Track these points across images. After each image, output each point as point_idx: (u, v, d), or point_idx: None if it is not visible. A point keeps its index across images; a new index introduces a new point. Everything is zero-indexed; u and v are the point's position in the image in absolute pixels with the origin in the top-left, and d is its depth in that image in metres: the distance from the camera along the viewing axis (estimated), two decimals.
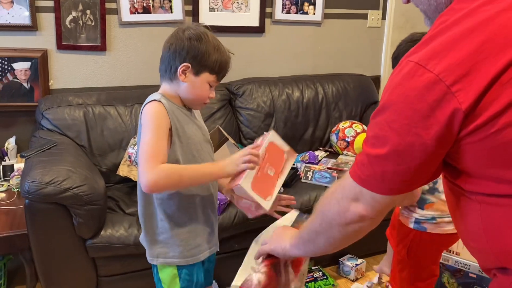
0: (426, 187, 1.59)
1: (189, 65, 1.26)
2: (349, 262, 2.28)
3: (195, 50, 1.26)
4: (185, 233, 1.32)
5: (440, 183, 1.57)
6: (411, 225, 1.60)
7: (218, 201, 1.94)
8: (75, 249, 1.77)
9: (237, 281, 1.13)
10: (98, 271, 1.84)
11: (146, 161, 1.19)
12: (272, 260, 1.14)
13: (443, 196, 1.54)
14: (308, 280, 2.11)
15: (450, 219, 1.49)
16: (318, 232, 0.97)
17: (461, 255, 1.99)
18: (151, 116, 1.24)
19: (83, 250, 1.78)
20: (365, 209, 0.85)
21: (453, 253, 2.00)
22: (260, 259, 1.15)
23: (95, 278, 1.85)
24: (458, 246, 1.98)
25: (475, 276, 1.96)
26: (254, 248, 1.22)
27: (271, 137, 1.43)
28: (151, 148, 1.20)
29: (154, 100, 1.26)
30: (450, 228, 1.57)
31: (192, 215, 1.33)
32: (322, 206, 0.96)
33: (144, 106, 1.28)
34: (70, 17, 2.38)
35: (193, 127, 1.35)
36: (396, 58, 1.65)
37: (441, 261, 2.04)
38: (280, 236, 1.12)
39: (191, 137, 1.32)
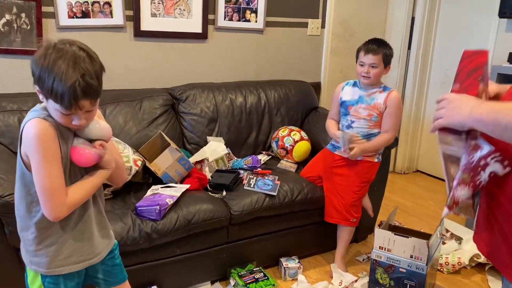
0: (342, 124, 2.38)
1: (37, 87, 1.16)
2: (289, 263, 2.35)
3: (35, 74, 1.15)
4: (52, 247, 1.29)
5: None
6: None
7: (158, 206, 1.96)
8: (7, 259, 1.71)
9: None
10: None
11: (51, 201, 1.19)
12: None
13: None
14: (249, 281, 2.15)
15: None
16: None
17: (392, 252, 2.11)
18: (36, 139, 1.15)
19: (17, 260, 1.72)
20: None
21: (385, 250, 2.12)
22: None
23: None
24: (390, 242, 2.10)
25: (404, 270, 2.09)
26: None
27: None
28: (49, 183, 1.18)
29: (37, 117, 1.18)
30: None
31: (63, 229, 1.30)
32: None
33: (25, 123, 1.18)
34: (4, 20, 2.30)
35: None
36: None
37: (374, 258, 2.16)
38: (459, 104, 1.05)
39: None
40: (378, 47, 2.22)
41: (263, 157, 2.75)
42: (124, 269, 1.54)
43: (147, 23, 2.68)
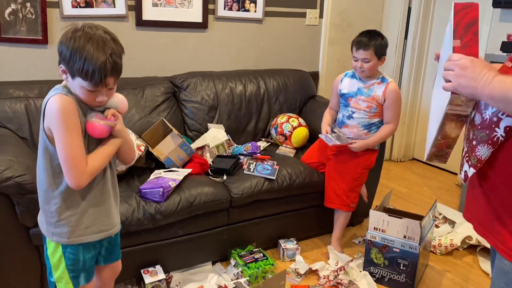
0: (342, 114, 2.41)
1: (63, 67, 1.28)
2: (288, 245, 2.43)
3: (63, 53, 1.26)
4: (73, 216, 1.39)
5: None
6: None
7: (162, 189, 2.04)
8: (18, 237, 1.79)
9: None
10: (42, 259, 1.87)
11: (73, 169, 1.29)
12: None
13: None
14: (249, 261, 2.24)
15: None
16: None
17: (387, 232, 2.19)
18: (59, 112, 1.25)
19: (27, 238, 1.81)
20: None
21: (379, 230, 2.21)
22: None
23: (39, 265, 1.88)
24: (384, 223, 2.19)
25: (398, 250, 2.17)
26: None
27: None
28: (71, 153, 1.28)
29: (59, 93, 1.28)
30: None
31: (84, 200, 1.40)
32: None
33: (48, 99, 1.28)
34: (9, 9, 2.36)
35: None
36: None
37: (369, 238, 2.24)
38: (472, 75, 1.04)
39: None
40: (369, 40, 2.22)
41: (262, 144, 2.82)
42: (120, 249, 1.65)
43: (149, 13, 2.74)
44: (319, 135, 2.40)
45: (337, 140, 2.30)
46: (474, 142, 1.11)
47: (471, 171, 1.13)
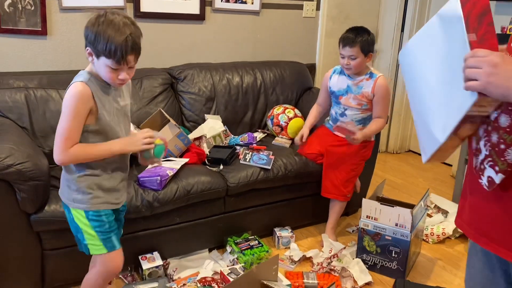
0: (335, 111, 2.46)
1: (89, 49, 1.45)
2: (282, 233, 2.49)
3: (89, 36, 1.43)
4: (94, 186, 1.57)
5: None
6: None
7: (159, 177, 2.09)
8: (19, 223, 1.83)
9: None
10: (43, 245, 1.92)
11: (59, 144, 1.47)
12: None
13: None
14: (245, 248, 2.29)
15: None
16: None
17: (379, 220, 2.24)
18: (72, 98, 1.45)
19: (27, 225, 1.85)
20: None
21: (372, 218, 2.26)
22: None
23: (40, 251, 1.93)
24: (376, 212, 2.24)
25: (390, 238, 2.22)
26: None
27: None
28: (65, 132, 1.46)
29: (81, 81, 1.47)
30: None
31: (105, 172, 1.58)
32: None
33: (71, 84, 1.48)
34: (9, 0, 2.39)
35: (113, 104, 1.56)
36: None
37: (362, 226, 2.30)
38: (505, 74, 0.92)
39: (109, 113, 1.54)
40: (355, 37, 2.23)
41: (259, 135, 2.87)
42: (122, 227, 1.81)
43: (147, 4, 2.77)
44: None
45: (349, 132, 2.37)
46: (502, 146, 1.00)
47: (500, 177, 1.02)
